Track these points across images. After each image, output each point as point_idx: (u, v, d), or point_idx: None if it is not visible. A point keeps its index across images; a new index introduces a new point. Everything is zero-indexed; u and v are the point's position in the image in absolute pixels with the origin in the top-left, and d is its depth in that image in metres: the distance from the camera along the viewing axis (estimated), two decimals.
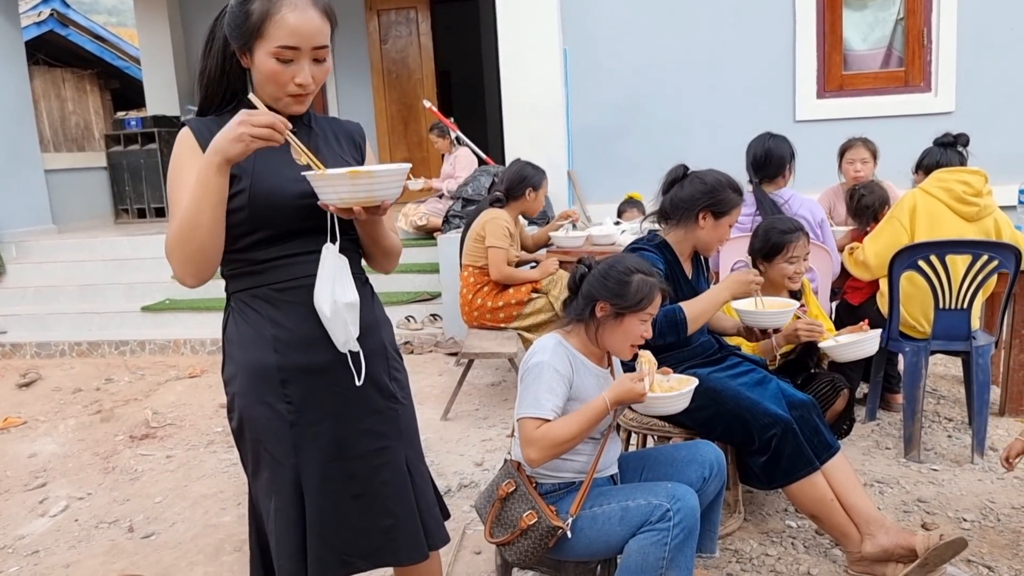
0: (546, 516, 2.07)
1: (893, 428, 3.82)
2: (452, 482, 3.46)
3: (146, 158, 9.35)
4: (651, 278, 2.17)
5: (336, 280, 1.67)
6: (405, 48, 9.33)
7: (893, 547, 2.49)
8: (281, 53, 1.62)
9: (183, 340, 6.21)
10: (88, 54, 12.11)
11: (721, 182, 2.77)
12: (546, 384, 2.08)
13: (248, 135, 1.51)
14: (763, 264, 3.01)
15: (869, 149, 4.40)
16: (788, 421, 2.54)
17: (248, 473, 1.83)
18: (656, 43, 6.64)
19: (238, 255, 1.70)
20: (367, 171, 1.56)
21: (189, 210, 1.58)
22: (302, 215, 1.70)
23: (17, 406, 5.19)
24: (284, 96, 1.69)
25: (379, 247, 1.83)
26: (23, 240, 7.81)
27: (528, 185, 4.48)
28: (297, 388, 1.73)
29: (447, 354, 5.59)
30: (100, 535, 3.30)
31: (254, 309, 1.73)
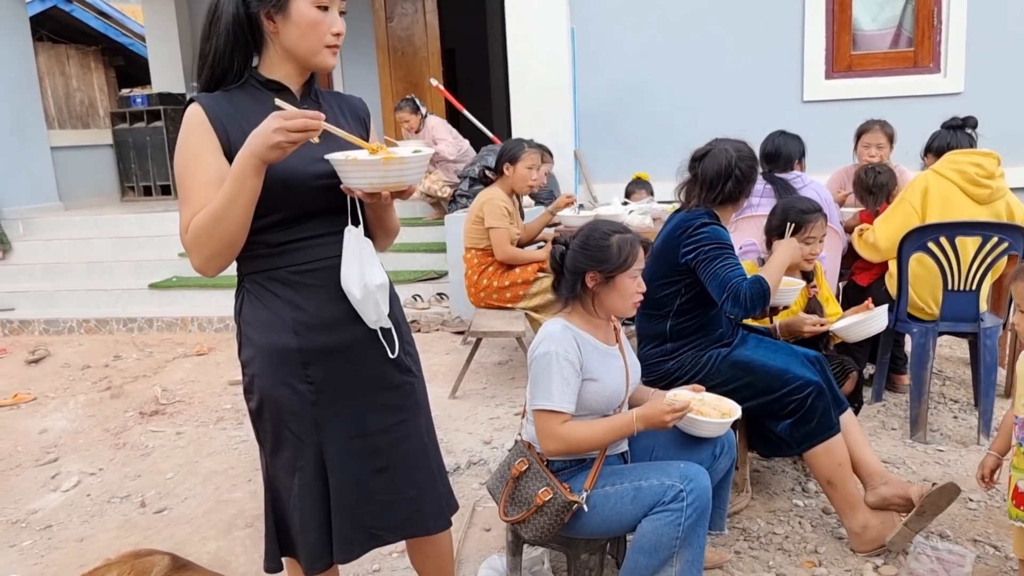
0: (561, 492, 2.10)
1: (899, 409, 3.84)
2: (461, 460, 3.49)
3: (152, 135, 9.34)
4: (628, 235, 2.19)
5: (364, 262, 1.68)
6: (411, 26, 9.27)
7: (891, 496, 2.61)
8: (320, 1, 1.66)
9: (190, 318, 6.23)
10: (92, 30, 12.05)
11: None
12: (558, 375, 2.10)
13: (286, 142, 1.51)
14: (779, 243, 3.00)
15: (886, 133, 4.38)
16: (819, 383, 2.61)
17: (266, 452, 1.84)
18: (664, 22, 6.59)
19: (254, 237, 1.69)
20: (399, 157, 1.57)
21: (220, 208, 1.58)
22: (318, 196, 1.70)
23: (27, 382, 5.23)
24: (322, 48, 1.70)
25: (383, 227, 1.85)
26: (30, 217, 7.82)
27: (504, 160, 4.39)
28: (318, 369, 1.74)
29: (454, 333, 5.61)
30: (112, 510, 3.34)
31: (271, 291, 1.74)
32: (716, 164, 2.70)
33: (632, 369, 2.29)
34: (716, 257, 2.58)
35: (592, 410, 2.19)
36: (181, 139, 1.68)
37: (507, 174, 4.38)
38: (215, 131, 1.66)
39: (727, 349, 2.73)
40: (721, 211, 2.75)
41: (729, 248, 2.61)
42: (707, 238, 2.61)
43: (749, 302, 2.52)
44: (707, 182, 2.71)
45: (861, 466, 2.68)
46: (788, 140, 3.94)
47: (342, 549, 1.78)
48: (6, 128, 7.85)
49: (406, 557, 2.49)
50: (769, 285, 2.58)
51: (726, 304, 2.56)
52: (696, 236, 2.63)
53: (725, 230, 2.69)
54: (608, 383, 2.19)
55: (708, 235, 2.62)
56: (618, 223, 2.25)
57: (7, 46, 7.92)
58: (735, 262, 2.59)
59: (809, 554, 2.65)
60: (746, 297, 2.52)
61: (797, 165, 3.93)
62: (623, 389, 2.23)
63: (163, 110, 9.26)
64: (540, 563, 2.53)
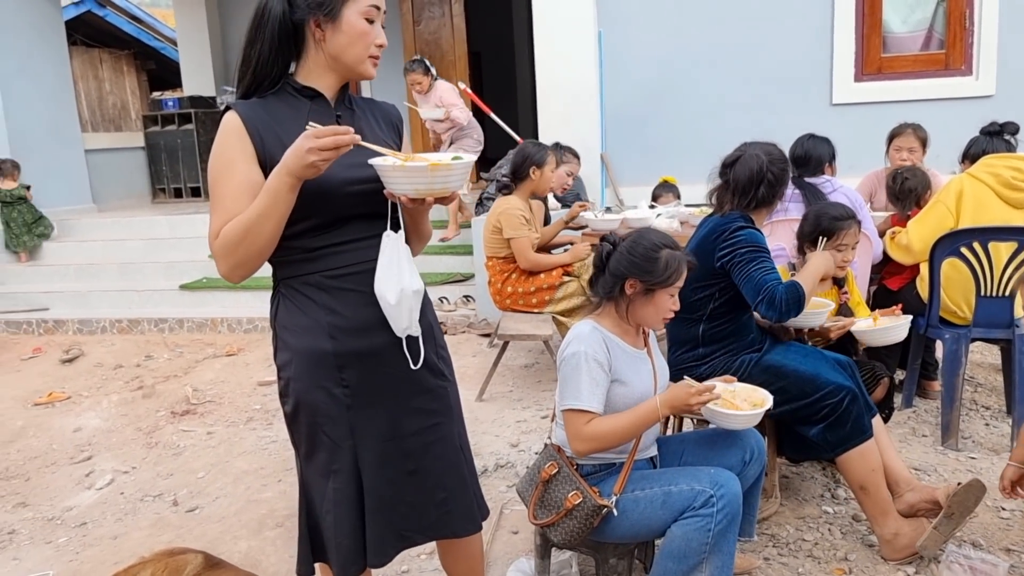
0: (590, 496, 2.11)
1: (930, 415, 3.80)
2: (488, 463, 3.50)
3: (183, 138, 9.47)
4: (677, 252, 2.19)
5: (401, 268, 1.70)
6: (438, 29, 9.31)
7: (919, 502, 2.61)
8: (370, 12, 1.71)
9: (220, 318, 6.31)
10: (125, 35, 12.25)
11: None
12: (587, 375, 2.11)
13: (320, 160, 1.53)
14: (811, 249, 2.97)
15: (918, 137, 4.32)
16: (851, 387, 2.60)
17: (301, 455, 1.87)
18: (691, 25, 6.57)
19: (289, 242, 1.71)
20: (447, 164, 1.59)
21: (253, 220, 1.60)
22: (353, 202, 1.72)
23: (61, 381, 5.32)
24: (366, 58, 1.74)
25: (418, 232, 1.87)
26: (64, 218, 7.96)
27: (531, 164, 4.35)
28: (353, 372, 1.77)
29: (480, 335, 5.63)
30: (145, 508, 3.39)
31: (306, 296, 1.76)
32: (748, 169, 2.70)
33: (660, 374, 2.29)
34: (752, 260, 2.58)
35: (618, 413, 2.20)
36: (216, 145, 1.71)
37: (533, 178, 4.37)
38: (251, 139, 1.68)
39: (758, 354, 2.73)
40: (755, 215, 2.75)
41: (765, 252, 2.61)
42: (743, 241, 2.62)
43: (784, 305, 2.52)
44: (739, 187, 2.71)
45: (888, 473, 2.68)
46: (818, 143, 3.90)
47: (376, 551, 1.80)
48: (43, 131, 8.00)
49: (435, 559, 2.52)
50: (805, 292, 2.57)
51: (760, 306, 2.56)
52: (732, 239, 2.63)
53: (761, 233, 2.68)
54: (636, 387, 2.19)
55: (744, 238, 2.62)
56: (670, 237, 2.25)
57: (43, 51, 8.07)
58: (771, 266, 2.59)
59: (839, 561, 2.63)
60: (782, 300, 2.52)
61: (827, 169, 3.90)
62: (651, 393, 2.23)
63: (194, 113, 9.38)
64: (568, 567, 2.54)
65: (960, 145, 4.02)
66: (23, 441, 4.29)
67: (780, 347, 2.82)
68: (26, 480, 3.79)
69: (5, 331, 6.69)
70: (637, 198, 5.85)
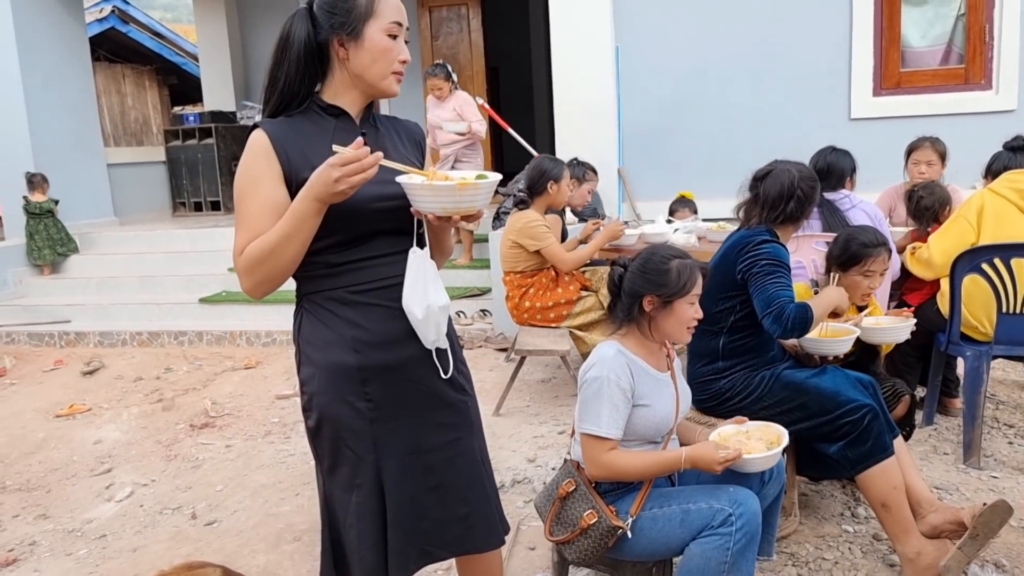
0: (606, 516, 2.10)
1: (951, 433, 3.76)
2: (505, 478, 3.50)
3: (203, 152, 9.57)
4: (688, 260, 2.20)
5: (428, 284, 1.71)
6: (456, 44, 9.37)
7: (942, 523, 2.57)
8: (392, 28, 1.73)
9: (239, 332, 6.35)
10: (147, 50, 12.42)
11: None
12: (608, 401, 2.11)
13: (347, 188, 1.56)
14: (838, 272, 2.94)
15: (937, 151, 4.30)
16: (872, 405, 2.58)
17: (323, 469, 1.88)
18: (709, 40, 6.58)
19: (313, 258, 1.73)
20: (473, 183, 1.61)
21: (277, 239, 1.63)
22: (376, 218, 1.74)
23: (82, 393, 5.38)
24: (389, 75, 1.75)
25: (440, 248, 1.88)
26: (87, 231, 8.06)
27: (549, 178, 4.37)
28: (377, 386, 1.78)
29: (497, 349, 5.63)
30: (164, 521, 3.41)
31: (329, 311, 1.78)
32: (778, 184, 2.71)
33: (683, 397, 2.29)
34: (769, 273, 2.59)
35: (640, 436, 2.20)
36: (243, 163, 1.73)
37: (550, 192, 4.39)
38: (277, 157, 1.71)
39: (779, 370, 2.71)
40: (782, 230, 2.75)
41: (784, 268, 2.61)
42: (765, 254, 2.63)
43: (790, 323, 2.52)
44: (768, 201, 2.73)
45: (910, 494, 2.64)
46: (840, 156, 3.87)
47: (398, 566, 1.81)
48: (67, 145, 8.12)
49: (453, 573, 2.52)
50: (813, 317, 2.57)
51: (767, 319, 2.56)
52: (755, 251, 2.64)
53: (785, 249, 2.68)
54: (658, 409, 2.19)
55: (766, 252, 2.63)
56: (678, 248, 2.27)
57: (68, 66, 8.20)
58: (787, 282, 2.59)
59: None
60: (789, 318, 2.52)
61: (848, 183, 3.88)
62: (672, 416, 2.23)
63: (214, 128, 9.48)
64: None
65: (980, 160, 3.99)
66: (44, 453, 4.33)
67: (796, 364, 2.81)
68: (47, 492, 3.82)
69: (28, 343, 6.77)
70: (654, 213, 5.85)
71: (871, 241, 2.90)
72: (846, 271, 2.93)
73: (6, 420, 4.90)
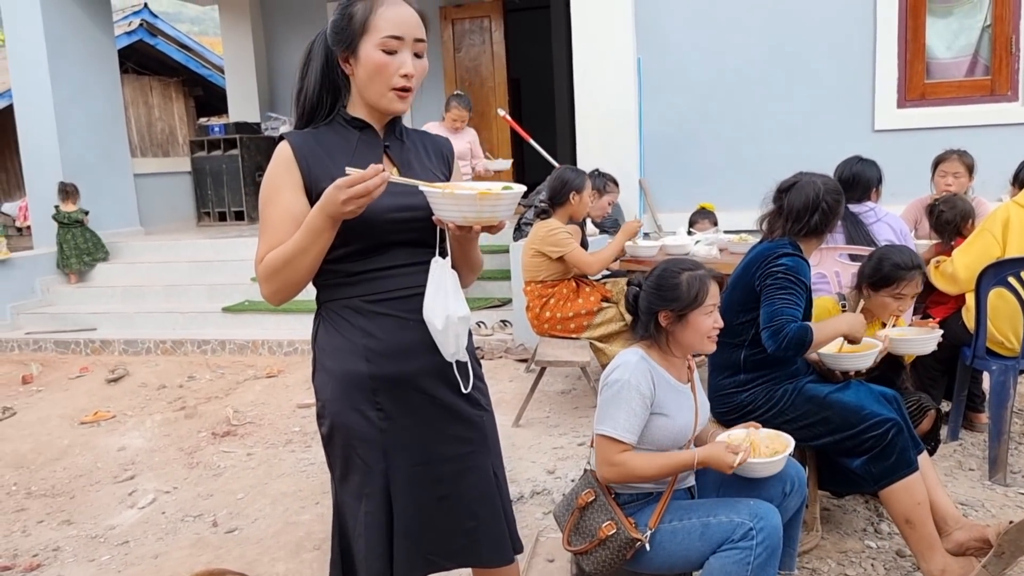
0: (625, 528, 2.10)
1: (977, 449, 3.71)
2: (525, 489, 3.50)
3: (227, 163, 9.67)
4: (699, 271, 2.20)
5: (448, 294, 1.71)
6: (478, 56, 9.43)
7: (968, 540, 2.53)
8: (387, 43, 1.70)
9: (261, 340, 6.40)
10: (174, 62, 12.60)
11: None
12: (626, 405, 2.12)
13: (355, 208, 1.57)
14: (868, 290, 2.89)
15: (964, 163, 4.25)
16: (896, 419, 2.55)
17: (336, 478, 1.89)
18: (730, 51, 6.57)
19: (331, 266, 1.76)
20: (496, 193, 1.61)
21: (293, 251, 1.66)
22: (393, 229, 1.75)
23: (106, 400, 5.44)
24: (388, 91, 1.74)
25: (468, 261, 1.87)
26: (113, 241, 8.17)
27: (571, 189, 4.38)
28: (388, 396, 1.79)
29: (517, 360, 5.63)
30: (186, 528, 3.44)
31: (345, 319, 1.79)
32: (803, 196, 2.69)
33: (701, 409, 2.28)
34: (782, 287, 2.58)
35: (658, 445, 2.20)
36: (268, 173, 1.77)
37: (572, 203, 4.40)
38: (299, 168, 1.74)
39: (802, 383, 2.69)
40: (805, 243, 2.73)
41: (799, 285, 2.59)
42: (784, 268, 2.61)
43: (787, 342, 2.51)
44: (793, 214, 2.71)
45: (935, 510, 2.60)
46: (866, 167, 3.80)
47: (402, 574, 1.81)
48: (95, 156, 8.25)
49: None
50: (813, 341, 2.55)
51: (765, 333, 2.56)
52: (773, 264, 2.63)
53: (807, 264, 2.66)
54: (677, 420, 2.19)
55: (786, 265, 2.61)
56: (689, 261, 2.27)
57: (97, 79, 8.34)
58: (798, 301, 2.57)
59: None
60: (787, 336, 2.50)
61: (873, 195, 3.83)
62: (691, 428, 2.22)
63: (239, 139, 9.58)
64: None
65: (1006, 172, 3.95)
66: (69, 459, 4.38)
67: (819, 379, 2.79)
68: (71, 498, 3.87)
69: (54, 350, 6.87)
70: (675, 224, 5.84)
71: (906, 263, 2.83)
72: (876, 291, 2.88)
73: (32, 426, 4.97)
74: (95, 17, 8.32)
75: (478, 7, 9.37)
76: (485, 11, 9.33)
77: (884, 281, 2.85)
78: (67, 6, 7.98)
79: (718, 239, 4.75)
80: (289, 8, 10.26)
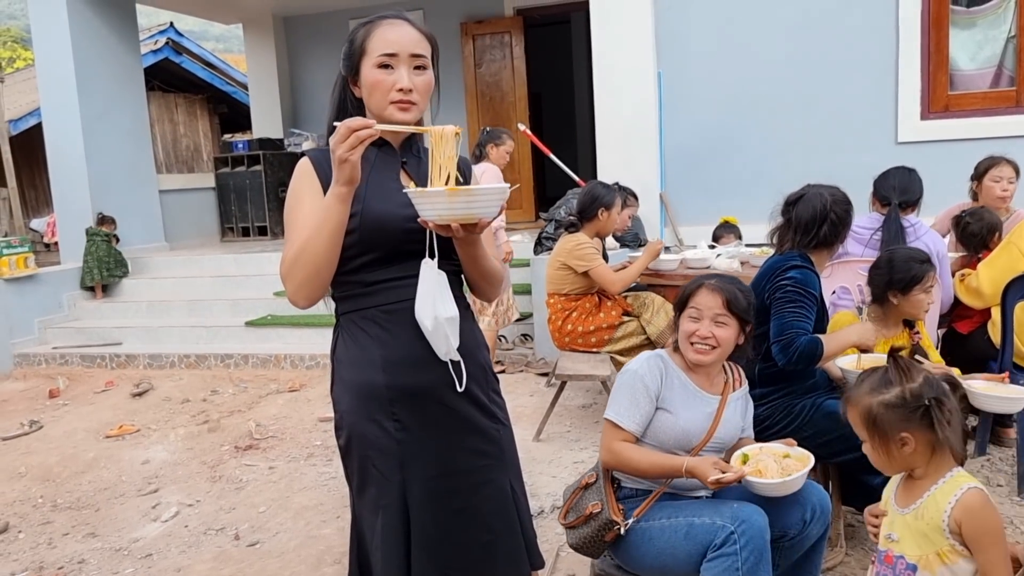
0: (608, 509, 2.18)
1: (1005, 464, 3.65)
2: (545, 503, 3.48)
3: (251, 179, 9.77)
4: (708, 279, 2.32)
5: (436, 295, 1.73)
6: (499, 71, 9.48)
7: None
8: (382, 61, 1.77)
9: (283, 355, 6.44)
10: (199, 80, 12.78)
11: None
12: (628, 393, 2.24)
13: (345, 152, 1.59)
14: (898, 296, 2.84)
15: (1015, 168, 4.15)
16: None
17: (353, 490, 1.90)
18: (752, 64, 6.56)
19: (349, 276, 1.79)
20: (465, 189, 1.63)
21: (308, 235, 1.69)
22: (409, 239, 1.78)
23: (131, 414, 5.49)
24: (387, 105, 1.78)
25: (476, 269, 1.87)
26: (139, 256, 8.27)
27: (600, 205, 4.41)
28: (404, 407, 1.80)
29: (538, 374, 5.63)
30: (208, 541, 3.46)
31: (362, 329, 1.82)
32: (811, 208, 2.69)
33: (724, 424, 2.29)
34: (791, 301, 2.58)
35: (661, 443, 2.25)
36: (291, 187, 1.83)
37: (601, 219, 4.43)
38: (318, 178, 1.79)
39: (821, 399, 2.67)
40: (815, 255, 2.72)
41: (808, 297, 2.58)
42: (792, 281, 2.62)
43: (797, 356, 2.52)
44: (801, 226, 2.71)
45: None
46: (915, 178, 3.70)
47: None
48: (123, 172, 8.37)
49: None
50: (823, 353, 2.56)
51: (775, 347, 2.57)
52: (783, 277, 2.64)
53: (816, 276, 2.65)
54: (682, 419, 2.23)
55: (795, 279, 2.62)
56: (714, 272, 2.36)
57: (124, 97, 8.48)
58: (807, 314, 2.56)
59: None
60: (797, 350, 2.52)
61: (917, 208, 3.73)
62: (699, 434, 2.25)
63: (262, 155, 9.68)
64: None
65: None
66: (94, 472, 4.43)
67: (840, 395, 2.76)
68: (96, 511, 3.91)
69: (80, 365, 6.96)
70: (697, 238, 5.82)
71: (921, 257, 2.83)
72: (907, 292, 2.82)
73: (59, 440, 5.03)
74: (122, 36, 8.47)
75: (498, 22, 9.44)
76: (505, 26, 9.39)
77: (914, 280, 2.79)
78: (95, 26, 8.13)
79: (739, 252, 4.74)
80: (312, 26, 10.39)
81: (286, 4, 10.01)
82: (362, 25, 1.82)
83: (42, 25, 7.97)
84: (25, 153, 11.24)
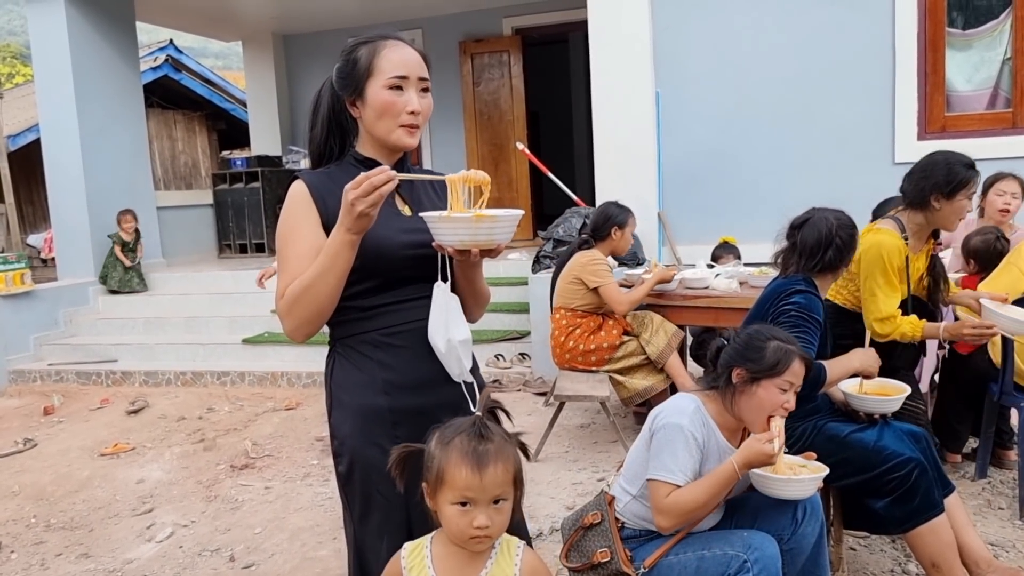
0: (618, 560, 2.12)
1: (1006, 487, 3.63)
2: (544, 525, 3.46)
3: (249, 196, 9.77)
4: (789, 346, 2.15)
5: (449, 317, 1.73)
6: (497, 90, 9.52)
7: None
8: (393, 83, 1.75)
9: (280, 372, 6.41)
10: (198, 97, 12.81)
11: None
12: (683, 448, 2.10)
13: (367, 207, 1.57)
14: (941, 200, 2.99)
15: (1020, 182, 4.18)
16: (919, 459, 2.50)
17: (355, 518, 1.87)
18: (750, 85, 6.58)
19: (347, 302, 1.76)
20: (491, 215, 1.62)
21: (313, 277, 1.67)
22: (409, 264, 1.78)
23: (126, 432, 5.45)
24: (397, 127, 1.78)
25: (473, 291, 1.89)
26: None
27: (613, 224, 4.47)
28: (407, 429, 1.78)
29: (536, 393, 5.60)
30: (203, 563, 3.42)
31: (362, 353, 1.80)
32: (816, 232, 2.69)
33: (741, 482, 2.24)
34: (795, 326, 2.57)
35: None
36: (284, 212, 1.80)
37: (614, 238, 4.48)
38: (315, 205, 1.77)
39: (822, 422, 2.66)
40: (820, 279, 2.72)
41: (812, 322, 2.57)
42: (796, 306, 2.61)
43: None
44: (806, 250, 2.71)
45: (966, 552, 2.54)
46: None
47: None
48: (121, 189, 8.34)
49: None
50: (827, 379, 2.55)
51: None
52: (786, 301, 2.63)
53: (819, 301, 2.64)
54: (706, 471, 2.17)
55: (798, 303, 2.61)
56: (783, 333, 2.23)
57: (123, 114, 8.48)
58: (810, 339, 2.56)
59: None
60: None
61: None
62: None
63: (260, 172, 9.68)
64: None
65: None
66: (88, 491, 4.39)
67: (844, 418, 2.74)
68: (89, 531, 3.86)
69: (76, 381, 6.92)
70: (694, 257, 5.81)
71: (965, 160, 3.01)
72: (952, 197, 2.98)
73: (53, 458, 4.99)
74: (122, 53, 8.48)
75: (497, 41, 9.48)
76: (504, 45, 9.44)
77: (960, 184, 2.97)
78: (95, 42, 8.14)
79: (738, 272, 4.73)
80: (311, 44, 10.44)
81: (285, 22, 10.06)
82: (361, 44, 1.80)
83: (42, 41, 7.99)
84: (23, 169, 11.24)
